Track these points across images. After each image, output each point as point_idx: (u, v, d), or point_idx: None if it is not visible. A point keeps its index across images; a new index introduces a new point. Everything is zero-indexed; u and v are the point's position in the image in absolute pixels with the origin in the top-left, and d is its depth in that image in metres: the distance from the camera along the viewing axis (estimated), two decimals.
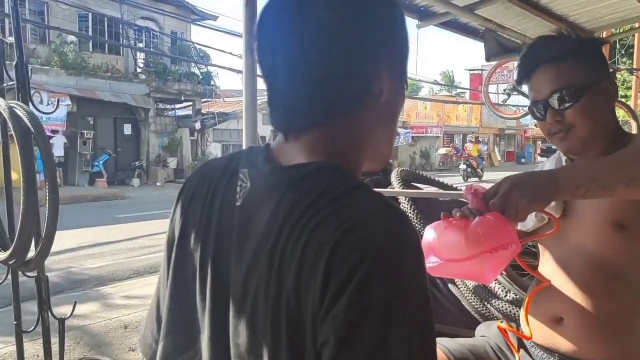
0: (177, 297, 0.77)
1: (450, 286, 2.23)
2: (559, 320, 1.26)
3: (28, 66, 2.24)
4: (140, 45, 18.77)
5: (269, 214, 0.66)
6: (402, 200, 2.37)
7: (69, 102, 14.88)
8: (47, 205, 2.00)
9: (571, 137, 1.25)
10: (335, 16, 0.67)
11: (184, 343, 0.75)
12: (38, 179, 2.30)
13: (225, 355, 0.68)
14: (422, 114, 30.56)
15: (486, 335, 1.51)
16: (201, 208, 0.76)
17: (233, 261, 0.69)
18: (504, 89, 8.10)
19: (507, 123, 32.19)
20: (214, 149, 20.10)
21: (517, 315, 1.78)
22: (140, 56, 18.66)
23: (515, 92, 6.83)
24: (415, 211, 2.28)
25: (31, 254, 2.14)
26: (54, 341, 2.40)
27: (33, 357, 3.36)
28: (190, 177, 0.83)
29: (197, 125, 19.06)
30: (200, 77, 19.18)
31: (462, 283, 2.18)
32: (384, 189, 2.38)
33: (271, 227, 0.64)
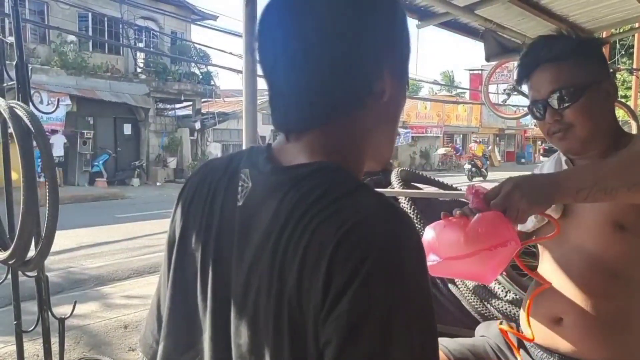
0: (178, 297, 0.77)
1: (450, 286, 2.23)
2: (559, 320, 1.26)
3: (28, 66, 2.24)
4: (140, 45, 18.76)
5: (271, 214, 0.65)
6: (402, 200, 2.36)
7: (69, 102, 14.88)
8: (47, 205, 1.99)
9: (570, 137, 1.25)
10: (337, 16, 0.67)
11: (185, 343, 0.75)
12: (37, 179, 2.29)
13: (226, 355, 0.67)
14: (422, 114, 30.56)
15: (486, 335, 1.51)
16: (202, 208, 0.75)
17: (234, 261, 0.69)
18: (504, 89, 8.09)
19: (507, 123, 32.23)
20: (214, 149, 20.10)
21: (517, 315, 1.78)
22: (140, 56, 18.66)
23: (515, 92, 6.82)
24: (415, 211, 2.28)
25: (31, 254, 2.14)
26: (54, 341, 2.40)
27: (33, 357, 3.36)
28: (190, 177, 0.83)
29: (197, 125, 19.06)
30: (200, 77, 19.18)
31: (462, 283, 2.18)
32: (384, 189, 2.38)
33: (273, 227, 0.64)
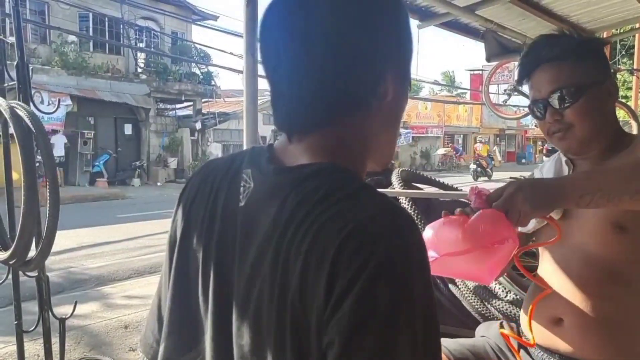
0: (179, 298, 0.76)
1: (450, 286, 2.23)
2: (559, 321, 1.26)
3: (29, 66, 2.25)
4: (140, 45, 18.77)
5: (273, 215, 0.65)
6: (403, 200, 2.36)
7: (70, 102, 14.89)
8: (48, 205, 1.99)
9: (570, 137, 1.25)
10: (340, 17, 0.66)
11: (187, 344, 0.74)
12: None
13: (228, 356, 0.67)
14: (423, 114, 30.54)
15: (486, 335, 1.51)
16: (204, 208, 0.75)
17: (236, 262, 0.69)
18: (505, 90, 8.08)
19: (508, 123, 32.19)
20: (215, 149, 20.10)
21: (518, 315, 1.78)
22: (140, 56, 18.67)
23: (515, 93, 6.82)
24: (416, 212, 2.28)
25: (32, 254, 2.14)
26: (55, 341, 2.39)
27: (34, 357, 3.36)
28: (192, 177, 0.83)
29: (198, 125, 19.06)
30: (200, 77, 19.18)
31: (463, 283, 2.18)
32: (385, 189, 2.38)
33: (275, 228, 0.64)
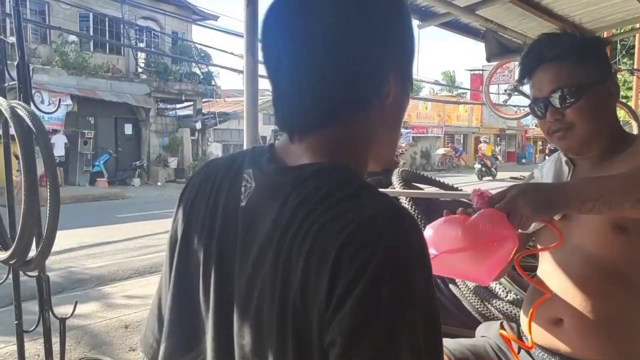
0: (180, 298, 0.76)
1: (451, 286, 2.23)
2: (559, 321, 1.26)
3: (29, 66, 2.24)
4: (141, 45, 18.77)
5: (274, 215, 0.65)
6: (403, 200, 2.36)
7: (70, 102, 14.89)
8: (48, 205, 1.99)
9: (570, 137, 1.25)
10: (341, 16, 0.66)
11: (187, 344, 0.74)
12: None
13: (229, 356, 0.67)
14: (423, 114, 30.54)
15: (487, 335, 1.51)
16: (204, 208, 0.75)
17: (237, 261, 0.69)
18: (505, 90, 8.06)
19: (508, 123, 32.19)
20: (215, 149, 20.10)
21: (518, 315, 1.78)
22: (141, 56, 18.67)
23: (516, 93, 6.80)
24: (416, 212, 2.28)
25: (32, 254, 2.13)
26: (55, 341, 2.39)
27: (34, 357, 3.36)
28: (192, 177, 0.82)
29: (198, 125, 19.06)
30: (201, 77, 19.18)
31: (463, 283, 2.18)
32: (386, 189, 2.38)
33: (276, 228, 0.64)
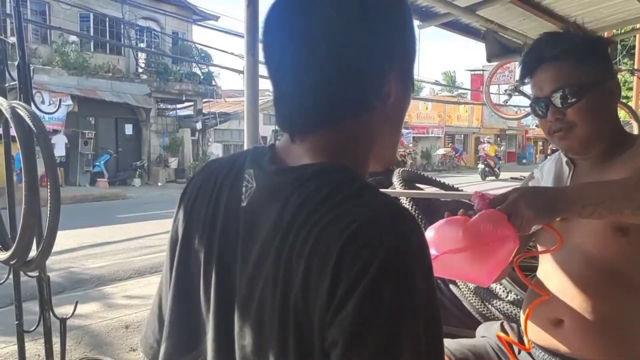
0: (181, 298, 0.76)
1: (451, 287, 2.23)
2: (559, 322, 1.25)
3: (30, 66, 2.24)
4: (141, 45, 18.78)
5: (275, 215, 0.65)
6: (403, 200, 2.36)
7: (71, 102, 14.90)
8: (49, 205, 1.99)
9: (571, 137, 1.24)
10: (343, 17, 0.66)
11: (188, 344, 0.74)
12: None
13: (230, 357, 0.67)
14: (424, 115, 30.54)
15: (487, 335, 1.51)
16: (205, 208, 0.75)
17: (238, 262, 0.69)
18: (505, 90, 8.06)
19: (508, 123, 32.18)
20: (215, 149, 20.11)
21: (518, 315, 1.78)
22: (141, 56, 18.67)
23: (516, 93, 6.80)
24: (416, 212, 2.28)
25: (33, 254, 2.13)
26: (56, 341, 2.39)
27: (34, 357, 3.36)
28: (193, 177, 0.82)
29: (199, 125, 19.06)
30: (201, 77, 19.17)
31: (464, 283, 2.18)
32: (387, 190, 2.38)
33: (277, 228, 0.64)
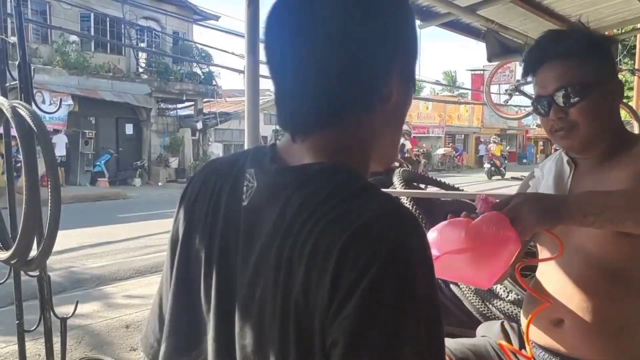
0: (181, 297, 0.76)
1: (452, 286, 2.23)
2: (560, 322, 1.25)
3: (30, 66, 2.24)
4: (142, 45, 18.78)
5: (276, 215, 0.65)
6: (404, 200, 2.36)
7: (71, 102, 14.90)
8: (49, 204, 1.99)
9: (573, 136, 1.24)
10: (344, 16, 0.66)
11: (188, 343, 0.74)
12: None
13: (230, 356, 0.67)
14: (424, 114, 30.53)
15: (487, 335, 1.51)
16: (206, 207, 0.75)
17: (239, 261, 0.69)
18: (506, 90, 8.05)
19: (509, 123, 32.14)
20: (216, 149, 20.12)
21: (519, 315, 1.78)
22: (142, 56, 18.66)
23: (516, 93, 6.79)
24: (417, 212, 2.28)
25: (33, 254, 2.13)
26: (56, 340, 2.39)
27: (35, 357, 3.36)
28: (194, 177, 0.82)
29: (199, 125, 19.06)
30: (202, 77, 19.17)
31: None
32: (388, 189, 2.38)
33: (279, 228, 0.64)
